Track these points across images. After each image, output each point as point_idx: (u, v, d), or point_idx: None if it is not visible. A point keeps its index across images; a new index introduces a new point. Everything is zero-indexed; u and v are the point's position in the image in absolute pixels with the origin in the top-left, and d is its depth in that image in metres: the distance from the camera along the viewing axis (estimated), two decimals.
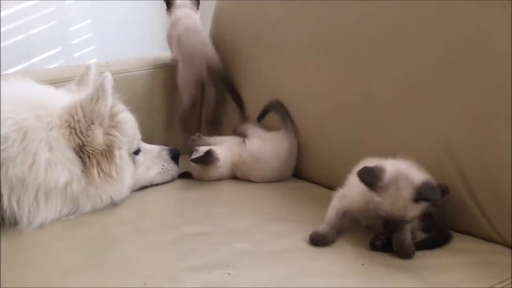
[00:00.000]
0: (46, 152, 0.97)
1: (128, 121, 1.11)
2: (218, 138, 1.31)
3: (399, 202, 0.83)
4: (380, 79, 1.10)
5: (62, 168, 0.99)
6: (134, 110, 1.32)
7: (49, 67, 2.22)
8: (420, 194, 0.83)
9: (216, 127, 1.42)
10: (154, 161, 1.20)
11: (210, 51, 1.38)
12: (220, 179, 1.24)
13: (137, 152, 1.16)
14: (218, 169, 1.23)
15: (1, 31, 2.26)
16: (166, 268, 0.83)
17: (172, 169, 1.22)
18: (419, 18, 1.04)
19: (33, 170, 0.95)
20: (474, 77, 0.94)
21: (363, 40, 1.13)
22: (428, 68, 1.01)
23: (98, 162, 1.03)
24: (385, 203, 0.84)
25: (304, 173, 1.27)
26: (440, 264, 0.85)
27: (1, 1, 2.23)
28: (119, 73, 1.46)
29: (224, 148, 1.25)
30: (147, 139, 1.29)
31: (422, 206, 0.85)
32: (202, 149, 1.22)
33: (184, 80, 1.39)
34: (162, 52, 1.63)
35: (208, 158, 1.20)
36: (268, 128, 1.28)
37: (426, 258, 0.86)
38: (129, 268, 0.84)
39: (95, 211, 1.03)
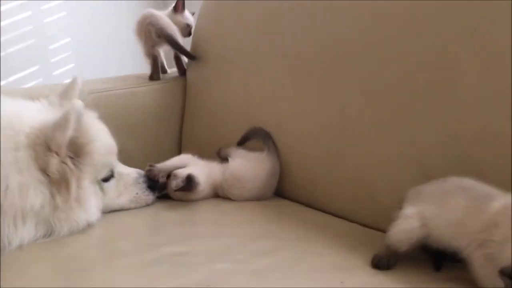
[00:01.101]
0: (16, 175, 0.96)
1: (96, 151, 1.08)
2: (173, 161, 1.28)
3: None
4: (357, 100, 1.12)
5: (35, 190, 0.98)
6: (115, 128, 1.31)
7: (27, 86, 2.21)
8: None
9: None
10: (127, 187, 1.18)
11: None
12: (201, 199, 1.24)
13: (107, 179, 1.14)
14: (199, 192, 1.22)
15: None
16: None
17: (146, 197, 1.20)
18: (396, 40, 1.07)
19: (8, 195, 0.95)
20: (447, 100, 0.97)
21: (341, 62, 1.16)
22: (405, 90, 1.04)
23: (58, 188, 1.01)
24: None
25: (284, 191, 1.28)
26: (420, 280, 0.86)
27: None
28: (100, 91, 1.46)
29: (202, 169, 1.24)
30: (128, 158, 1.28)
31: None
32: (181, 174, 1.20)
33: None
34: (142, 71, 1.64)
35: (190, 185, 1.19)
36: (251, 149, 1.29)
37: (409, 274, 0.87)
38: None
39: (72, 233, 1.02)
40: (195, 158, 1.30)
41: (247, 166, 1.24)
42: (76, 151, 1.05)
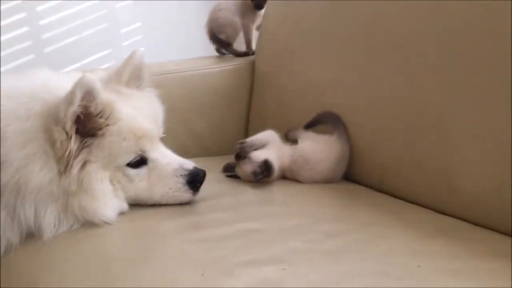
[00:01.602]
0: (20, 148, 0.91)
1: (114, 134, 0.98)
2: (259, 137, 1.27)
3: None
4: (435, 79, 1.07)
5: (41, 164, 0.92)
6: (186, 109, 1.35)
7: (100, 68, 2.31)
8: None
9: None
10: (161, 179, 1.04)
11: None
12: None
13: (135, 165, 1.03)
14: (273, 178, 1.21)
15: (55, 33, 2.36)
16: (221, 262, 0.84)
17: (181, 194, 1.05)
18: (474, 19, 1.01)
19: (8, 169, 0.90)
20: None
21: (415, 44, 1.12)
22: (486, 68, 0.98)
23: (64, 169, 0.94)
24: None
25: (354, 175, 1.26)
26: (502, 268, 0.82)
27: (56, 3, 2.33)
28: (172, 73, 1.50)
29: (275, 153, 1.24)
30: (197, 137, 1.31)
31: None
32: (257, 158, 1.19)
33: None
34: (213, 53, 1.67)
35: (268, 172, 1.18)
36: (320, 132, 1.28)
37: (489, 262, 0.84)
38: (185, 260, 0.85)
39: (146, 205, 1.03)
40: (277, 137, 1.28)
41: (317, 149, 1.24)
42: (89, 130, 0.96)
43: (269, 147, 1.25)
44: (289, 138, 1.32)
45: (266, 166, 1.18)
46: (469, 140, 1.01)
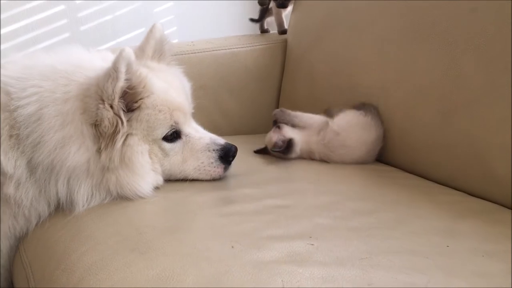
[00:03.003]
0: (59, 130, 0.92)
1: (150, 106, 0.99)
2: (300, 116, 1.28)
3: None
4: (470, 61, 1.05)
5: (79, 146, 0.93)
6: (215, 88, 1.35)
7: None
8: None
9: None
10: (194, 153, 1.05)
11: None
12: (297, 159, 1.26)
13: (170, 139, 1.04)
14: (291, 156, 1.24)
15: (91, 11, 2.40)
16: (251, 235, 0.85)
17: (213, 169, 1.06)
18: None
19: (47, 150, 0.92)
20: None
21: (452, 21, 1.10)
22: None
23: (106, 146, 0.95)
24: None
25: (385, 156, 1.25)
26: None
27: None
28: (204, 51, 1.51)
29: (304, 137, 1.25)
30: (227, 115, 1.31)
31: None
32: (286, 132, 1.22)
33: None
34: (242, 32, 1.67)
35: (287, 149, 1.21)
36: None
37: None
38: (216, 232, 0.87)
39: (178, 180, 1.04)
40: (321, 124, 1.26)
41: (353, 129, 1.22)
42: (128, 103, 0.97)
43: (306, 130, 1.26)
44: (330, 115, 1.31)
45: (288, 145, 1.20)
46: (503, 122, 0.99)
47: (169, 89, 1.05)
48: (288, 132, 1.23)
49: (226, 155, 1.07)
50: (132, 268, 0.76)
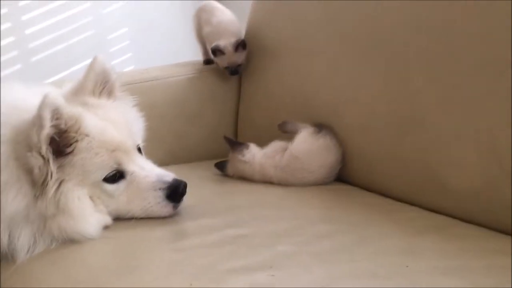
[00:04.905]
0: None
1: (84, 150, 0.95)
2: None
3: None
4: (422, 79, 1.07)
5: (16, 191, 0.90)
6: (172, 116, 1.33)
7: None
8: None
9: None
10: (139, 193, 1.00)
11: None
12: (251, 179, 1.26)
13: (113, 180, 0.99)
14: (246, 164, 1.25)
15: (42, 41, 2.35)
16: (209, 270, 0.83)
17: (161, 209, 1.01)
18: (464, 16, 1.01)
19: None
20: None
21: (403, 41, 1.11)
22: (471, 64, 0.98)
23: (41, 193, 0.91)
24: None
25: (343, 175, 1.26)
26: (493, 265, 0.82)
27: (42, 11, 2.31)
28: (157, 79, 1.49)
29: (266, 154, 1.25)
30: (186, 143, 1.30)
31: None
32: (246, 147, 1.27)
33: None
34: (200, 57, 1.66)
35: (238, 145, 1.26)
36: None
37: (479, 260, 0.84)
38: (173, 269, 0.85)
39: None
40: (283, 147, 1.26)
41: (312, 150, 1.22)
42: (61, 148, 0.93)
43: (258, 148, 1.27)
44: (286, 131, 1.30)
45: (239, 143, 1.27)
46: (455, 138, 1.01)
47: (107, 128, 1.00)
48: (251, 151, 1.25)
49: (174, 193, 1.01)
50: None
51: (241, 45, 1.46)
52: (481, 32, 0.97)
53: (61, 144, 0.93)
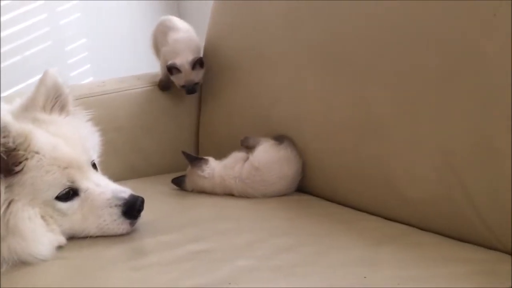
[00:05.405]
0: None
1: (34, 168, 0.92)
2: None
3: None
4: (378, 91, 1.09)
5: None
6: (133, 127, 1.31)
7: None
8: None
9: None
10: (94, 211, 0.97)
11: None
12: (212, 193, 1.24)
13: (67, 197, 0.96)
14: (206, 179, 1.24)
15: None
16: None
17: (117, 227, 0.98)
18: (416, 30, 1.03)
19: None
20: (472, 87, 0.93)
21: (362, 53, 1.13)
22: (427, 79, 1.00)
23: None
24: None
25: (305, 186, 1.26)
26: (441, 274, 0.83)
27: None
28: (115, 92, 1.46)
29: (225, 166, 1.25)
30: (145, 155, 1.27)
31: None
32: (206, 162, 1.26)
33: None
34: (158, 69, 1.64)
35: (197, 160, 1.25)
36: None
37: (436, 268, 0.85)
38: None
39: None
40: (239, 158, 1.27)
41: (273, 162, 1.22)
42: (6, 168, 0.90)
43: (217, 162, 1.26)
44: (248, 146, 1.29)
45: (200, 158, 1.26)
46: (410, 148, 1.02)
47: (59, 145, 0.97)
48: (211, 166, 1.24)
49: (131, 210, 0.99)
50: None
51: (198, 63, 1.42)
52: (438, 41, 0.99)
53: (10, 162, 0.90)
